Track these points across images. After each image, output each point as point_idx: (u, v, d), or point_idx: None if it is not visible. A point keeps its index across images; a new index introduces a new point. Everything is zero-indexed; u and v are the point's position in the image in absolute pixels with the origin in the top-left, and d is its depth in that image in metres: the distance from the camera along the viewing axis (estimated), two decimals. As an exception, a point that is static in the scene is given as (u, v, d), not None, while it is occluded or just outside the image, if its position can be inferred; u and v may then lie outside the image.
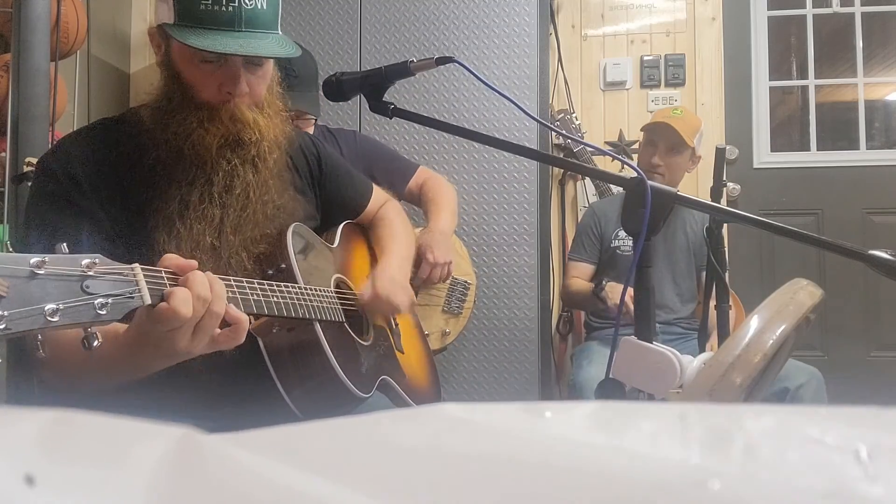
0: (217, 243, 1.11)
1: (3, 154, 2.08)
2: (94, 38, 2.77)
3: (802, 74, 3.33)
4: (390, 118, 1.19)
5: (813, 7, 3.28)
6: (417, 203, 2.18)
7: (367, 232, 1.52)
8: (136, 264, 0.78)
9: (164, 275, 0.82)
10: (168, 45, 1.13)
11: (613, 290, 2.24)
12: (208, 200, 1.10)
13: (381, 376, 1.27)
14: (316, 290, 1.15)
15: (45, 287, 0.65)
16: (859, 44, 3.24)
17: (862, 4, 3.24)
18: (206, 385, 1.13)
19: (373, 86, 1.19)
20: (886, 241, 3.09)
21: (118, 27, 3.21)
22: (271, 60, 1.16)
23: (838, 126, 3.40)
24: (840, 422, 0.28)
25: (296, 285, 1.11)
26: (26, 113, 1.81)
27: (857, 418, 0.29)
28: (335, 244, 1.38)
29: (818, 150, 3.27)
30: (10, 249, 1.91)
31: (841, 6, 3.25)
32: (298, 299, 1.08)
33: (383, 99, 1.19)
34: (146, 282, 0.78)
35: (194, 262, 0.85)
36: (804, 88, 3.33)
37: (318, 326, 1.12)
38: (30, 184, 1.12)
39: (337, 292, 1.26)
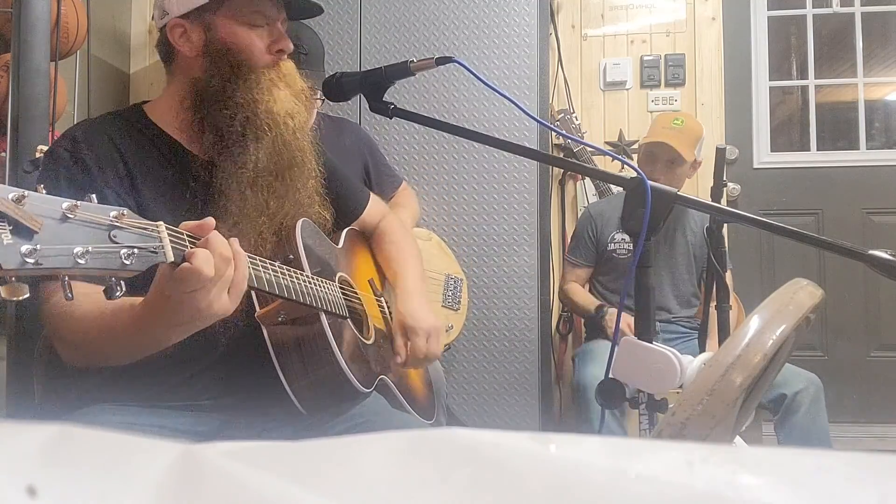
0: (278, 209, 1.16)
1: (3, 154, 2.07)
2: (94, 38, 2.77)
3: (802, 74, 3.33)
4: (390, 118, 1.19)
5: (813, 7, 3.28)
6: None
7: (369, 241, 1.52)
8: (161, 222, 0.80)
9: (185, 235, 0.83)
10: (209, 27, 1.14)
11: (614, 319, 2.27)
12: (273, 174, 1.14)
13: (380, 375, 1.27)
14: (322, 282, 1.16)
15: (75, 231, 0.68)
16: (859, 44, 3.24)
17: (862, 4, 3.24)
18: (208, 375, 1.13)
19: (373, 85, 1.19)
20: (886, 241, 3.09)
21: (118, 27, 3.21)
22: None
23: (838, 126, 3.40)
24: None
25: (304, 273, 1.11)
26: (26, 113, 1.81)
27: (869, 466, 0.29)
28: (339, 245, 1.39)
29: (818, 150, 3.27)
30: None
31: (841, 6, 3.25)
32: (306, 286, 1.09)
33: (383, 99, 1.19)
34: (169, 239, 0.79)
35: (211, 221, 0.86)
36: (804, 88, 3.33)
37: (323, 317, 1.12)
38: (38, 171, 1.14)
39: (340, 289, 1.26)
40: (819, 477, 0.28)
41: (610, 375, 1.03)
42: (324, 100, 2.02)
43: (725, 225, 1.87)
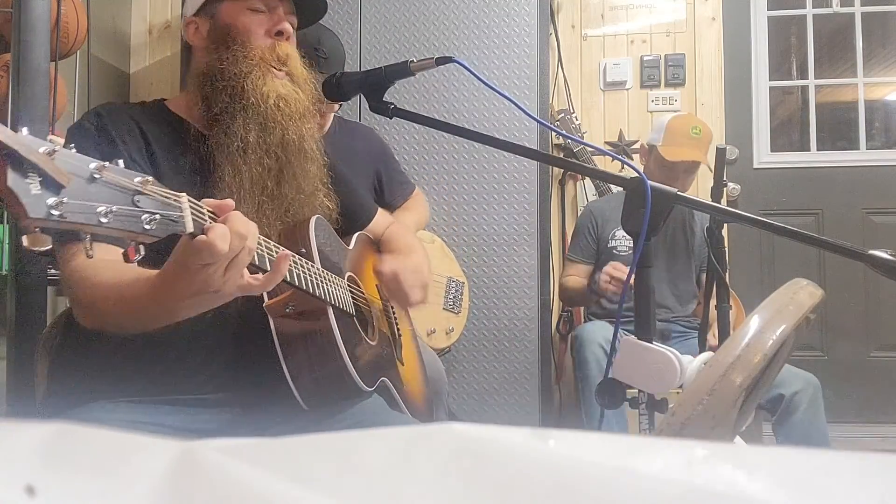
0: (276, 191, 1.17)
1: (3, 154, 2.07)
2: (94, 38, 2.77)
3: (802, 74, 3.33)
4: (390, 118, 1.19)
5: (813, 7, 3.28)
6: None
7: (377, 247, 1.53)
8: (184, 193, 0.81)
9: (205, 209, 0.85)
10: (214, 16, 1.21)
11: (609, 271, 2.20)
12: (263, 149, 1.16)
13: (381, 377, 1.27)
14: (332, 278, 1.16)
15: (100, 191, 0.70)
16: (859, 44, 3.24)
17: (862, 4, 3.24)
18: (210, 371, 1.14)
19: (373, 85, 1.19)
20: (886, 241, 3.09)
21: (118, 27, 3.21)
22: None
23: (838, 126, 3.40)
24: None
25: (314, 265, 1.12)
26: (26, 113, 1.81)
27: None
28: (350, 247, 1.39)
29: (818, 150, 3.27)
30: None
31: (841, 6, 3.25)
32: (317, 280, 1.09)
33: (383, 99, 1.19)
34: (190, 211, 0.81)
35: (231, 202, 0.88)
36: (804, 88, 3.33)
37: (331, 311, 1.12)
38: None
39: (349, 288, 1.26)
40: (819, 477, 0.28)
41: (610, 375, 1.03)
42: (341, 104, 2.02)
43: (725, 225, 1.87)
